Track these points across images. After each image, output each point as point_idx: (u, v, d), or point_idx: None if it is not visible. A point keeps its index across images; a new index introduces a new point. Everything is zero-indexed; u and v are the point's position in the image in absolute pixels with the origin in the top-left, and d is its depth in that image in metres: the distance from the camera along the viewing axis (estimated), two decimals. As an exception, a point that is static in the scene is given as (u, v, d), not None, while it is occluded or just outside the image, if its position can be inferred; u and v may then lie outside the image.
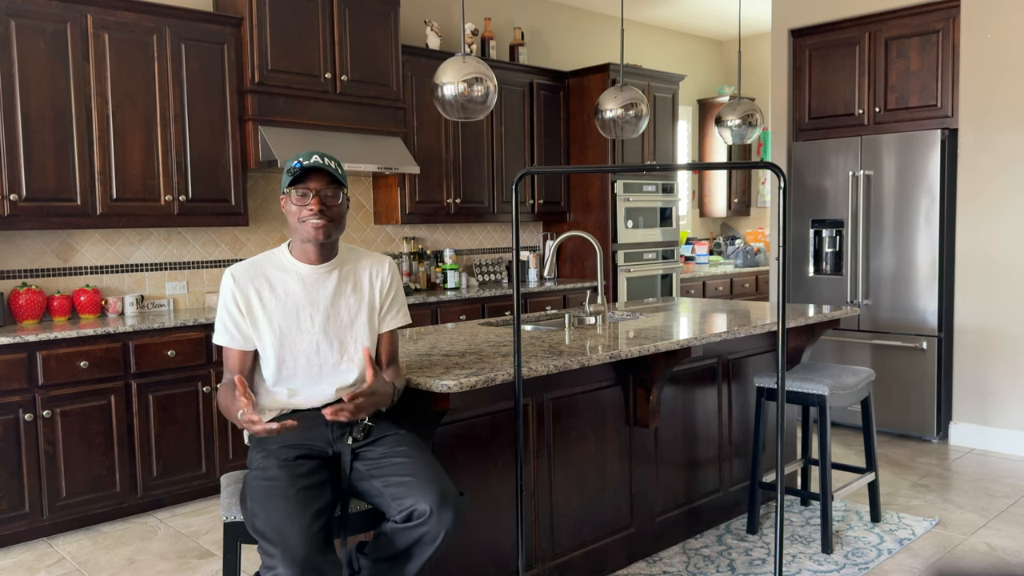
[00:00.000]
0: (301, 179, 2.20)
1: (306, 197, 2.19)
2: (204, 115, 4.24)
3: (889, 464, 4.44)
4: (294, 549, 1.85)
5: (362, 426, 2.22)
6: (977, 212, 4.64)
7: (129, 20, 3.97)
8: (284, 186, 2.22)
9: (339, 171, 2.22)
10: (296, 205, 2.21)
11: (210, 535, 3.61)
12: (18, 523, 3.52)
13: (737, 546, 3.33)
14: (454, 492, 2.07)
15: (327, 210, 2.20)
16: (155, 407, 3.87)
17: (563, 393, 2.91)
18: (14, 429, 3.49)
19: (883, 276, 4.98)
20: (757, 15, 7.11)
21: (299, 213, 2.20)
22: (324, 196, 2.20)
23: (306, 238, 2.23)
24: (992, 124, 4.57)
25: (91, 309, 4.04)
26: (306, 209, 2.19)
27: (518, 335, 2.41)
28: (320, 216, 2.19)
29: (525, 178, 5.35)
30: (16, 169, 3.68)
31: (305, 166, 2.18)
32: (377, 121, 4.87)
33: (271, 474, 2.05)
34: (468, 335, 3.27)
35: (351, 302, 2.30)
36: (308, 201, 2.19)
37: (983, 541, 3.38)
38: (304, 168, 2.18)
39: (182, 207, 4.19)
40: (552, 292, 5.70)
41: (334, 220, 2.23)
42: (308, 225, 2.21)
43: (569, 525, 2.97)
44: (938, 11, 4.79)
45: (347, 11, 4.69)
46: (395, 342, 2.40)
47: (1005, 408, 4.60)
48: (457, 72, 3.33)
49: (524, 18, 6.29)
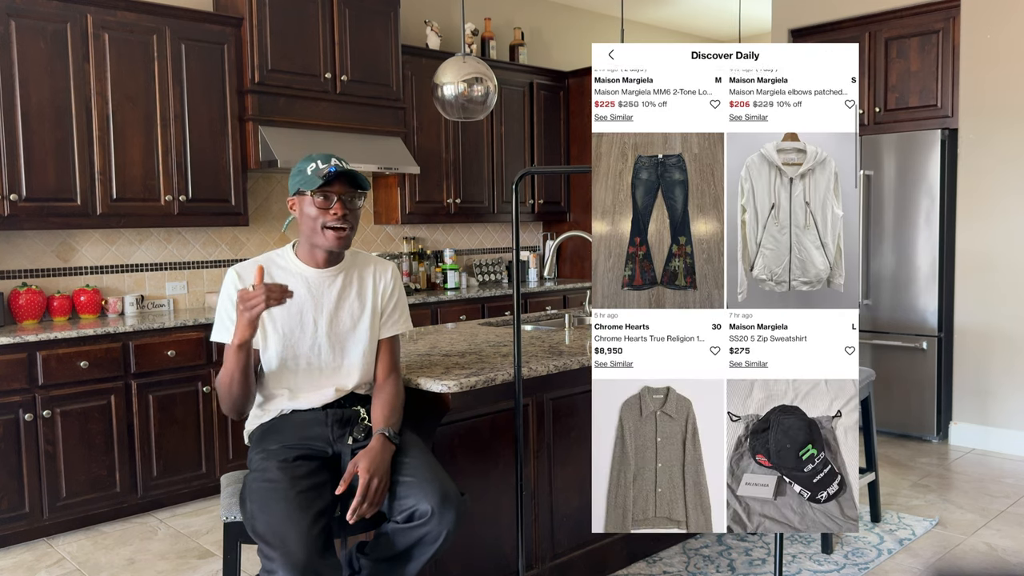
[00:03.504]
0: (327, 184, 2.15)
1: (329, 201, 2.15)
2: (204, 115, 4.24)
3: (889, 464, 4.44)
4: (294, 553, 1.84)
5: (363, 426, 2.22)
6: (977, 212, 4.64)
7: (129, 20, 3.97)
8: (303, 188, 2.16)
9: (362, 177, 2.20)
10: (317, 208, 2.16)
11: (210, 535, 3.61)
12: (18, 523, 3.52)
13: (737, 546, 3.33)
14: (455, 492, 2.06)
15: (350, 215, 2.17)
16: (155, 407, 3.87)
17: (563, 393, 2.91)
18: (14, 429, 3.49)
19: (883, 276, 4.98)
20: (757, 15, 7.10)
21: (321, 217, 2.16)
22: (346, 200, 2.17)
23: (324, 245, 2.19)
24: (992, 124, 4.57)
25: (91, 309, 4.04)
26: (329, 214, 2.15)
27: (518, 335, 2.41)
28: (343, 222, 2.16)
29: (525, 178, 5.35)
30: (16, 169, 3.68)
31: (334, 171, 2.13)
32: (377, 121, 4.87)
33: (271, 476, 2.04)
34: (468, 335, 3.27)
35: (354, 307, 2.30)
36: (331, 205, 2.15)
37: (983, 541, 3.38)
38: (333, 174, 2.13)
39: (182, 207, 4.19)
40: (552, 292, 5.70)
41: (353, 228, 2.21)
42: (329, 234, 2.16)
43: (569, 525, 2.96)
44: (938, 11, 4.79)
45: (347, 11, 4.69)
46: (395, 349, 2.37)
47: (1005, 408, 4.60)
48: (457, 72, 3.33)
49: (524, 18, 6.29)
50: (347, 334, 2.28)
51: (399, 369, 2.40)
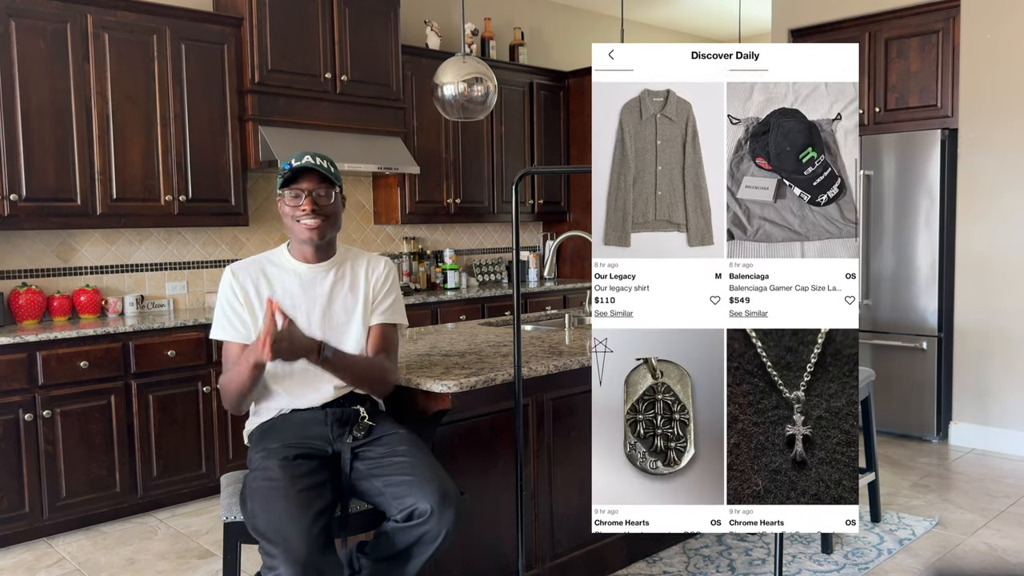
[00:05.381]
0: (292, 180, 2.22)
1: (298, 198, 2.22)
2: (204, 115, 4.24)
3: (889, 464, 4.44)
4: (295, 550, 1.85)
5: (363, 425, 2.22)
6: (977, 212, 4.64)
7: (129, 20, 3.97)
8: (278, 188, 2.25)
9: (331, 170, 2.24)
10: (289, 206, 2.24)
11: (210, 535, 3.61)
12: (18, 523, 3.52)
13: (737, 546, 3.33)
14: (455, 491, 2.06)
15: (319, 209, 2.22)
16: (155, 407, 3.87)
17: (563, 393, 2.91)
18: (14, 429, 3.49)
19: (883, 276, 4.98)
20: (757, 15, 7.10)
21: (292, 213, 2.23)
22: (316, 196, 2.22)
23: (301, 238, 2.26)
24: (992, 124, 4.57)
25: (91, 309, 4.04)
26: (299, 209, 2.22)
27: (518, 335, 2.41)
28: (313, 216, 2.21)
29: (525, 178, 5.35)
30: (16, 169, 3.68)
31: (295, 167, 2.20)
32: (377, 121, 4.87)
33: (271, 474, 2.04)
34: (468, 335, 3.27)
35: (347, 301, 2.31)
36: (300, 202, 2.21)
37: (983, 541, 3.38)
38: (294, 169, 2.20)
39: (182, 207, 4.19)
40: (552, 292, 5.70)
41: (328, 219, 2.25)
42: (302, 226, 2.23)
43: (569, 525, 2.97)
44: (938, 11, 4.79)
45: (347, 11, 4.69)
46: (387, 338, 2.33)
47: (1005, 408, 4.60)
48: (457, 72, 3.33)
49: (524, 18, 6.29)
50: (341, 327, 2.28)
51: (394, 362, 2.35)
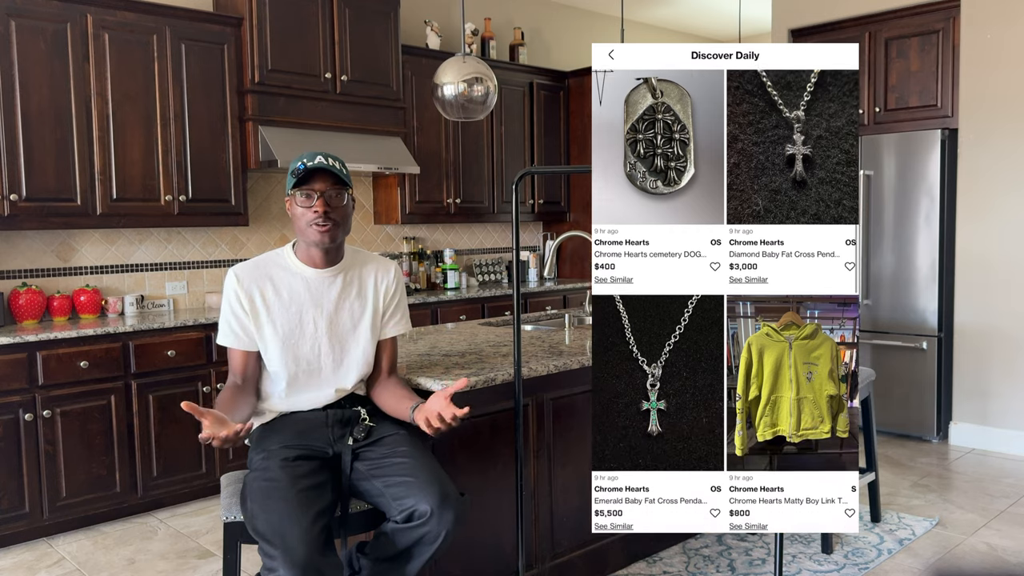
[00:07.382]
0: (305, 180, 2.17)
1: (311, 199, 2.16)
2: (204, 115, 4.24)
3: (889, 464, 4.44)
4: (295, 550, 1.85)
5: (363, 427, 2.22)
6: (977, 212, 4.64)
7: (129, 20, 3.97)
8: (288, 188, 2.19)
9: (343, 171, 2.20)
10: (301, 207, 2.18)
11: (210, 535, 3.61)
12: (18, 523, 3.52)
13: (737, 546, 3.33)
14: (455, 492, 2.06)
15: (332, 211, 2.18)
16: (155, 407, 3.87)
17: (563, 393, 2.91)
18: (14, 429, 3.49)
19: (883, 276, 4.98)
20: (757, 15, 7.10)
21: (304, 215, 2.17)
22: (328, 197, 2.17)
23: (313, 242, 2.21)
24: (992, 124, 4.57)
25: (91, 309, 4.04)
26: (311, 211, 2.16)
27: (518, 335, 2.41)
28: (325, 219, 2.16)
29: (525, 178, 5.35)
30: (16, 169, 3.68)
31: (309, 167, 2.15)
32: (377, 121, 4.87)
33: (271, 475, 2.04)
34: (468, 335, 3.27)
35: (355, 307, 2.30)
36: (313, 203, 2.16)
37: (983, 541, 3.38)
38: (308, 169, 2.15)
39: (182, 207, 4.19)
40: (552, 292, 5.70)
41: (339, 223, 2.20)
42: (314, 230, 2.17)
43: (569, 525, 2.97)
44: (938, 11, 4.79)
45: (347, 11, 4.69)
46: (396, 350, 2.40)
47: (1005, 408, 4.60)
48: (457, 72, 3.33)
49: (524, 18, 6.29)
50: (347, 334, 2.28)
51: (397, 370, 2.40)
